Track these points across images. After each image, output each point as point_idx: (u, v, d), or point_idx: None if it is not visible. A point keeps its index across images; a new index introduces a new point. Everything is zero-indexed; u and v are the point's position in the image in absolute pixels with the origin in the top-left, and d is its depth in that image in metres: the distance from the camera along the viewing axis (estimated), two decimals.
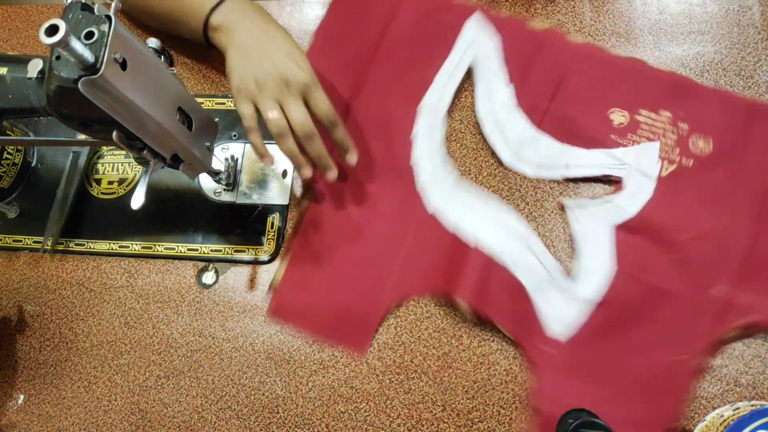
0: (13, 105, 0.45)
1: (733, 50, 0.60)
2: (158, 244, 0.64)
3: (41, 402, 0.61)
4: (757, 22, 0.61)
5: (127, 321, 0.62)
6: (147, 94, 0.42)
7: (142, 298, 0.63)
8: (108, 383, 0.60)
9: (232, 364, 0.59)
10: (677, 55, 0.61)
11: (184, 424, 0.58)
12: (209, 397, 0.58)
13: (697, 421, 0.50)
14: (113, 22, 0.37)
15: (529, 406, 0.52)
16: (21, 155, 0.68)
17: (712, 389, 0.51)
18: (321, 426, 0.55)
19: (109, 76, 0.37)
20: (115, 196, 0.67)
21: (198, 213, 0.64)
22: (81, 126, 0.43)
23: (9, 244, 0.67)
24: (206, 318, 0.61)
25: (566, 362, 0.52)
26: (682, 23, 0.62)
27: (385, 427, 0.55)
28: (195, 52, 0.70)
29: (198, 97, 0.68)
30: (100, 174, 0.68)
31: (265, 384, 0.58)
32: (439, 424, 0.54)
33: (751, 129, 0.55)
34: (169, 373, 0.60)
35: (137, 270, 0.64)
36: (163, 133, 0.45)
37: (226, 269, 0.62)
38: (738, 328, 0.51)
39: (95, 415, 0.59)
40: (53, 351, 0.62)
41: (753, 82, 0.59)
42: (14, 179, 0.67)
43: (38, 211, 0.67)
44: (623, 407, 0.51)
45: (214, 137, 0.55)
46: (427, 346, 0.56)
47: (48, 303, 0.64)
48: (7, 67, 0.45)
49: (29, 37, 0.75)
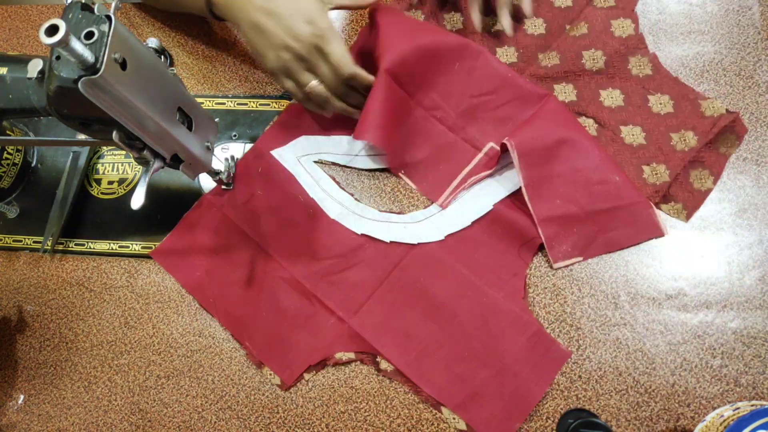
0: (13, 105, 0.45)
1: (733, 50, 0.60)
2: (158, 244, 0.64)
3: (41, 402, 0.61)
4: (757, 22, 0.61)
5: (127, 321, 0.62)
6: (147, 94, 0.42)
7: (142, 298, 0.63)
8: (108, 383, 0.60)
9: (232, 364, 0.59)
10: (677, 55, 0.61)
11: (184, 424, 0.58)
12: (209, 397, 0.58)
13: (697, 421, 0.50)
14: (113, 22, 0.37)
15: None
16: (21, 155, 0.67)
17: (712, 389, 0.51)
18: (321, 426, 0.55)
19: (109, 76, 0.37)
20: (115, 196, 0.67)
21: None
22: (81, 126, 0.43)
23: (9, 244, 0.67)
24: (206, 318, 0.61)
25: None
26: (682, 23, 0.62)
27: (385, 427, 0.55)
28: (195, 52, 0.70)
29: (198, 97, 0.68)
30: (100, 174, 0.68)
31: (265, 384, 0.58)
32: (439, 424, 0.54)
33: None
34: (169, 373, 0.60)
35: (137, 270, 0.64)
36: (163, 133, 0.45)
37: None
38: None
39: (95, 415, 0.59)
40: (53, 351, 0.62)
41: (753, 82, 0.59)
42: (14, 179, 0.67)
43: (38, 211, 0.67)
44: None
45: (214, 137, 0.55)
46: None
47: (48, 303, 0.64)
48: (7, 67, 0.45)
49: (29, 37, 0.75)
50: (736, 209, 0.56)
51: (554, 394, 0.53)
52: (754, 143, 0.58)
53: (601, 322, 0.55)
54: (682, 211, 0.57)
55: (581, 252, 0.56)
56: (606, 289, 0.56)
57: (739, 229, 0.56)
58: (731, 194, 0.57)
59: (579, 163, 0.56)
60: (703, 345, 0.53)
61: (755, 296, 0.53)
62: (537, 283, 0.57)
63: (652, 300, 0.55)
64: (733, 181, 0.57)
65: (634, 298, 0.55)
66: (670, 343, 0.53)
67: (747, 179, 0.57)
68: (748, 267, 0.54)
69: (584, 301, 0.55)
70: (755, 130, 0.58)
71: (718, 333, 0.53)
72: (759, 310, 0.53)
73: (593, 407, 0.52)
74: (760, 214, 0.56)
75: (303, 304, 0.58)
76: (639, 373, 0.53)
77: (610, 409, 0.52)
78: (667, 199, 0.57)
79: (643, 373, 0.53)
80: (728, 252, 0.55)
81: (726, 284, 0.54)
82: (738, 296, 0.54)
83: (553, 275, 0.57)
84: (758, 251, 0.55)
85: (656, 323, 0.54)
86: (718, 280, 0.54)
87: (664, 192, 0.56)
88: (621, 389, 0.53)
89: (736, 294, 0.54)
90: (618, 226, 0.56)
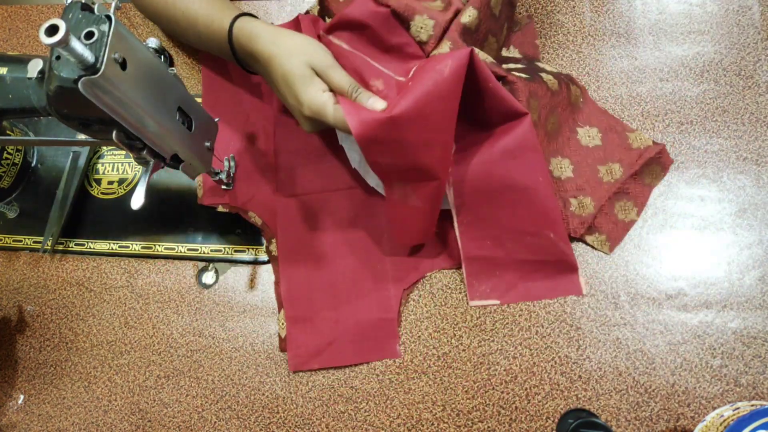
0: (13, 105, 0.45)
1: (733, 50, 0.60)
2: (158, 244, 0.64)
3: (41, 402, 0.61)
4: (757, 22, 0.61)
5: (127, 321, 0.62)
6: (147, 94, 0.42)
7: (142, 298, 0.63)
8: (108, 383, 0.60)
9: (232, 364, 0.59)
10: (677, 55, 0.61)
11: (184, 424, 0.58)
12: (209, 397, 0.58)
13: (697, 421, 0.50)
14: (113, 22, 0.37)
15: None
16: (21, 155, 0.67)
17: (712, 389, 0.51)
18: (321, 426, 0.55)
19: (109, 76, 0.37)
20: (115, 196, 0.67)
21: (198, 213, 0.64)
22: (81, 126, 0.43)
23: (9, 244, 0.67)
24: (206, 318, 0.61)
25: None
26: (682, 23, 0.62)
27: (385, 427, 0.55)
28: (195, 52, 0.70)
29: (198, 97, 0.68)
30: (100, 174, 0.68)
31: (265, 384, 0.58)
32: (439, 424, 0.54)
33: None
34: (169, 373, 0.60)
35: (137, 270, 0.64)
36: (163, 133, 0.45)
37: (226, 269, 0.62)
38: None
39: (95, 415, 0.59)
40: (53, 351, 0.62)
41: (753, 82, 0.59)
42: (14, 179, 0.67)
43: (38, 211, 0.67)
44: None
45: (214, 137, 0.55)
46: (427, 346, 0.56)
47: (48, 303, 0.64)
48: (7, 67, 0.45)
49: (29, 37, 0.75)
50: (736, 209, 0.56)
51: (554, 394, 0.53)
52: (754, 143, 0.58)
53: (601, 322, 0.55)
54: (605, 242, 0.57)
55: (500, 296, 0.57)
56: (606, 289, 0.56)
57: (739, 229, 0.56)
58: (731, 194, 0.57)
59: (519, 211, 0.53)
60: (703, 345, 0.53)
61: (755, 296, 0.53)
62: None
63: (652, 300, 0.55)
64: (733, 181, 0.57)
65: (634, 298, 0.55)
66: (670, 343, 0.53)
67: (747, 179, 0.57)
68: (748, 267, 0.54)
69: (584, 301, 0.55)
70: (755, 130, 0.58)
71: (718, 333, 0.53)
72: (759, 310, 0.53)
73: (593, 407, 0.52)
74: (760, 214, 0.56)
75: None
76: (639, 373, 0.53)
77: (610, 409, 0.52)
78: (591, 231, 0.57)
79: (643, 373, 0.53)
80: (728, 252, 0.55)
81: (726, 284, 0.54)
82: (738, 296, 0.54)
83: None
84: (758, 251, 0.55)
85: (656, 323, 0.54)
86: (718, 280, 0.54)
87: (590, 223, 0.56)
88: (621, 389, 0.53)
89: (736, 294, 0.54)
90: (539, 279, 0.56)
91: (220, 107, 0.65)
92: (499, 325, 0.56)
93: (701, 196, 0.57)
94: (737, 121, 0.58)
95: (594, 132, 0.59)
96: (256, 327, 0.60)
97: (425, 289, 0.58)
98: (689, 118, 0.59)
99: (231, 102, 0.65)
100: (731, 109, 0.59)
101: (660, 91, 0.60)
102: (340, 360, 0.57)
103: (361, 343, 0.57)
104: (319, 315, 0.58)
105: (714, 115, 0.59)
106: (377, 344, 0.57)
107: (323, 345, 0.57)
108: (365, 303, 0.58)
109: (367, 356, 0.57)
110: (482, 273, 0.57)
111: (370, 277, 0.58)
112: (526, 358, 0.55)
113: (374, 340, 0.57)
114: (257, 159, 0.63)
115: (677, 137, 0.59)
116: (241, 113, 0.65)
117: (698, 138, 0.59)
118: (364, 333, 0.57)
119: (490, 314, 0.56)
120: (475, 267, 0.56)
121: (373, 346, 0.57)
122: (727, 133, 0.58)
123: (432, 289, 0.58)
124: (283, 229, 0.61)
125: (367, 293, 0.58)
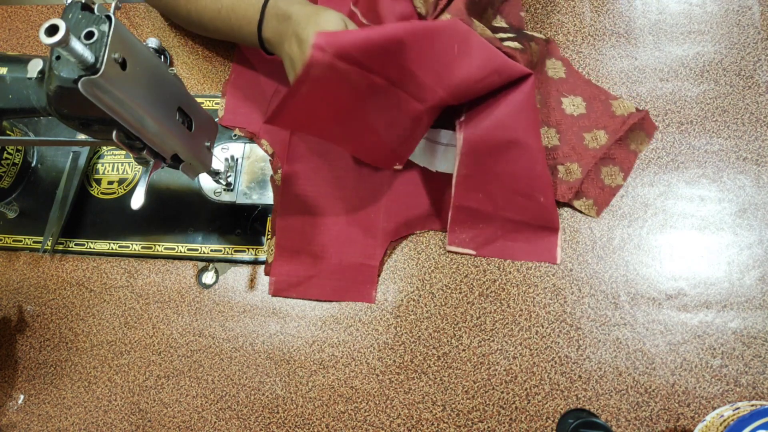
0: (13, 105, 0.45)
1: (733, 50, 0.60)
2: (158, 244, 0.64)
3: (41, 402, 0.61)
4: (757, 22, 0.61)
5: (127, 321, 0.62)
6: (147, 94, 0.42)
7: (142, 298, 0.63)
8: (108, 383, 0.60)
9: (232, 364, 0.59)
10: (677, 55, 0.61)
11: (184, 424, 0.58)
12: (209, 397, 0.58)
13: (697, 421, 0.50)
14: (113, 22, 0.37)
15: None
16: (21, 155, 0.67)
17: (712, 389, 0.51)
18: (321, 426, 0.55)
19: (109, 76, 0.37)
20: (115, 196, 0.67)
21: (198, 213, 0.64)
22: (81, 126, 0.43)
23: (9, 244, 0.67)
24: (206, 318, 0.61)
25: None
26: (682, 23, 0.62)
27: (385, 427, 0.55)
28: (195, 52, 0.70)
29: (198, 97, 0.68)
30: (100, 174, 0.68)
31: (265, 384, 0.58)
32: (439, 424, 0.54)
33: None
34: (169, 373, 0.60)
35: (137, 270, 0.64)
36: (163, 133, 0.45)
37: (226, 269, 0.62)
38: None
39: (95, 415, 0.59)
40: (53, 351, 0.62)
41: (753, 82, 0.59)
42: (14, 179, 0.67)
43: (38, 211, 0.67)
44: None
45: (214, 137, 0.55)
46: (427, 346, 0.56)
47: (48, 303, 0.64)
48: (7, 67, 0.45)
49: (29, 37, 0.75)
50: (736, 209, 0.56)
51: (554, 394, 0.53)
52: (754, 143, 0.58)
53: (601, 322, 0.55)
54: (593, 207, 0.58)
55: (477, 247, 0.58)
56: (606, 289, 0.56)
57: (739, 229, 0.56)
58: (731, 194, 0.57)
59: (518, 170, 0.55)
60: (703, 345, 0.53)
61: (755, 296, 0.53)
62: (537, 283, 0.57)
63: (652, 300, 0.55)
64: (733, 181, 0.57)
65: (634, 298, 0.55)
66: (670, 343, 0.53)
67: (747, 179, 0.57)
68: (748, 267, 0.54)
69: (584, 301, 0.55)
70: (755, 130, 0.58)
71: (718, 333, 0.53)
72: (759, 310, 0.53)
73: (593, 407, 0.52)
74: (760, 214, 0.56)
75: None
76: (639, 373, 0.53)
77: (610, 409, 0.52)
78: (578, 196, 0.58)
79: (643, 373, 0.53)
80: (728, 252, 0.55)
81: (726, 284, 0.54)
82: (738, 296, 0.54)
83: (553, 275, 0.57)
84: (758, 251, 0.55)
85: (656, 323, 0.54)
86: (718, 280, 0.54)
87: (577, 189, 0.58)
88: (621, 389, 0.53)
89: (736, 294, 0.54)
90: (519, 240, 0.58)
91: (245, 88, 0.67)
92: (499, 325, 0.56)
93: (701, 196, 0.57)
94: (737, 121, 0.58)
95: (578, 101, 0.61)
96: (256, 327, 0.60)
97: (425, 289, 0.58)
98: (689, 118, 0.59)
99: (255, 84, 0.67)
100: (731, 109, 0.59)
101: (660, 91, 0.60)
102: (318, 294, 0.60)
103: (340, 282, 0.59)
104: (306, 249, 0.60)
105: (714, 115, 0.59)
106: (355, 287, 0.59)
107: (305, 277, 0.60)
108: (352, 247, 0.60)
109: (344, 296, 0.59)
110: (466, 222, 0.58)
111: (362, 224, 0.60)
112: (526, 358, 0.55)
113: (353, 282, 0.59)
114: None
115: (677, 137, 0.59)
116: (264, 95, 0.66)
117: (698, 138, 0.59)
118: (345, 274, 0.59)
119: (490, 314, 0.56)
120: (461, 215, 0.58)
121: (351, 287, 0.59)
122: (727, 133, 0.58)
123: (432, 289, 0.58)
124: (290, 162, 0.63)
125: (355, 238, 0.60)
